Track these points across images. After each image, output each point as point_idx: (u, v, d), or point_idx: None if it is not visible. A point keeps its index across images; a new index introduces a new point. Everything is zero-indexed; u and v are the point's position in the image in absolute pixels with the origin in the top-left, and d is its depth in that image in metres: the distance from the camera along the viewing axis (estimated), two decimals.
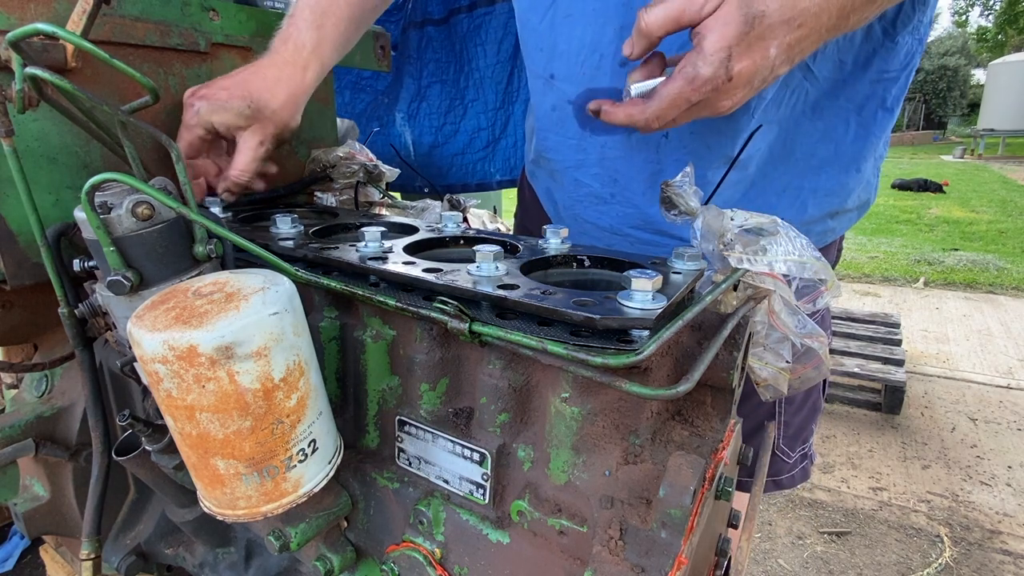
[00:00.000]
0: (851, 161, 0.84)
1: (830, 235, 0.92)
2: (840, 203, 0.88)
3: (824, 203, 0.86)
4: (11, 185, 0.64)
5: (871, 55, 0.78)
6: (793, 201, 0.85)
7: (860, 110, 0.81)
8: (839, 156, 0.83)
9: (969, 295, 4.81)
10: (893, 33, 0.77)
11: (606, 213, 0.91)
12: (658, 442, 0.55)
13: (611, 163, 0.86)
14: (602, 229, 0.93)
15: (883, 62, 0.79)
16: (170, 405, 0.47)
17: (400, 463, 0.65)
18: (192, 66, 0.83)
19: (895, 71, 0.80)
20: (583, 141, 0.87)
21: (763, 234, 0.62)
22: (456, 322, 0.52)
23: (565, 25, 0.80)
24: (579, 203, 0.94)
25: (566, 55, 0.81)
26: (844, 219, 0.91)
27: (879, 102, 0.82)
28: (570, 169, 0.91)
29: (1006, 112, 15.17)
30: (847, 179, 0.86)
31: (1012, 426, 2.88)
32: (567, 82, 0.83)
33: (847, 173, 0.85)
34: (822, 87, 0.79)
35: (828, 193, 0.86)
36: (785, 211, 0.85)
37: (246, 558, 0.81)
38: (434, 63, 1.61)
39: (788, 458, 1.04)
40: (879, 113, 0.83)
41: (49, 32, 0.53)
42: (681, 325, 0.49)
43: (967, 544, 2.11)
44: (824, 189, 0.85)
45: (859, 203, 0.91)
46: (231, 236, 0.59)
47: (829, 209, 0.88)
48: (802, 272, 0.61)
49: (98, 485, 0.72)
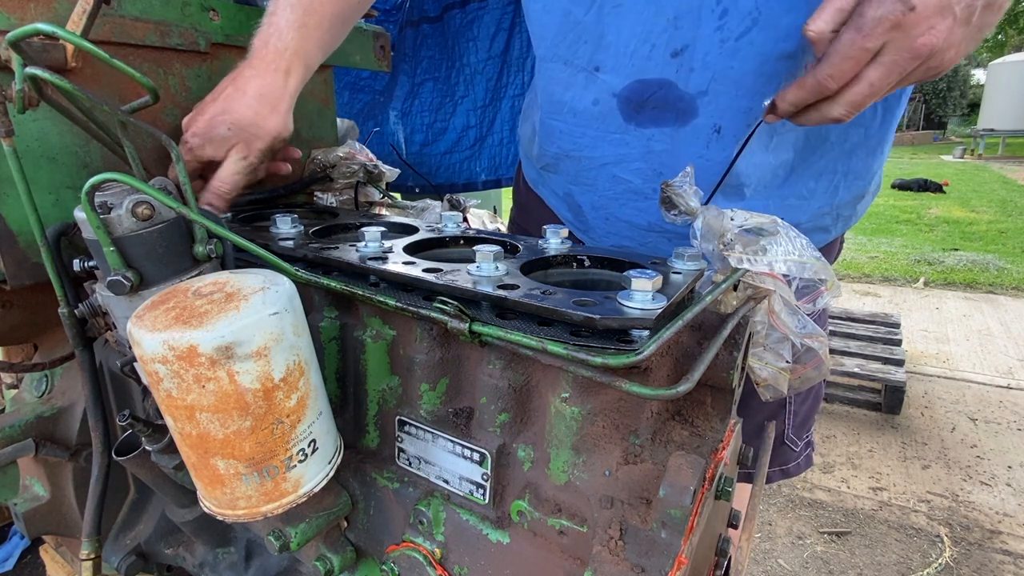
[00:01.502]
0: (877, 144, 0.85)
1: (853, 220, 0.92)
2: (865, 186, 0.89)
3: (854, 186, 0.87)
4: (11, 185, 0.64)
5: None
6: (828, 185, 0.85)
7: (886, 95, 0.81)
8: (868, 139, 0.83)
9: (969, 295, 4.80)
10: None
11: (645, 210, 0.89)
12: (658, 442, 0.55)
13: (656, 157, 0.84)
14: (638, 227, 0.91)
15: None
16: (170, 405, 0.47)
17: (400, 463, 0.65)
18: (192, 66, 0.83)
19: None
20: (626, 135, 0.85)
21: (763, 234, 0.62)
22: (456, 322, 0.52)
23: (614, 16, 0.78)
24: (615, 201, 0.92)
25: (614, 46, 0.79)
26: (863, 204, 0.92)
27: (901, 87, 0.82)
28: (608, 165, 0.89)
29: (1006, 112, 15.16)
30: (872, 162, 0.86)
31: (1012, 426, 2.88)
32: (614, 74, 0.81)
33: (873, 156, 0.85)
34: None
35: (857, 176, 0.86)
36: (821, 195, 0.85)
37: (246, 558, 0.81)
38: (427, 60, 1.61)
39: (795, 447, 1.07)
40: (901, 95, 0.83)
41: (49, 32, 0.53)
42: (681, 325, 0.49)
43: (967, 544, 2.11)
44: (854, 172, 0.85)
45: (875, 187, 0.93)
46: (231, 236, 0.59)
47: (857, 192, 0.88)
48: (802, 272, 0.61)
49: (98, 485, 0.72)
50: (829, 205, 0.86)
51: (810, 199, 0.85)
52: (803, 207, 0.86)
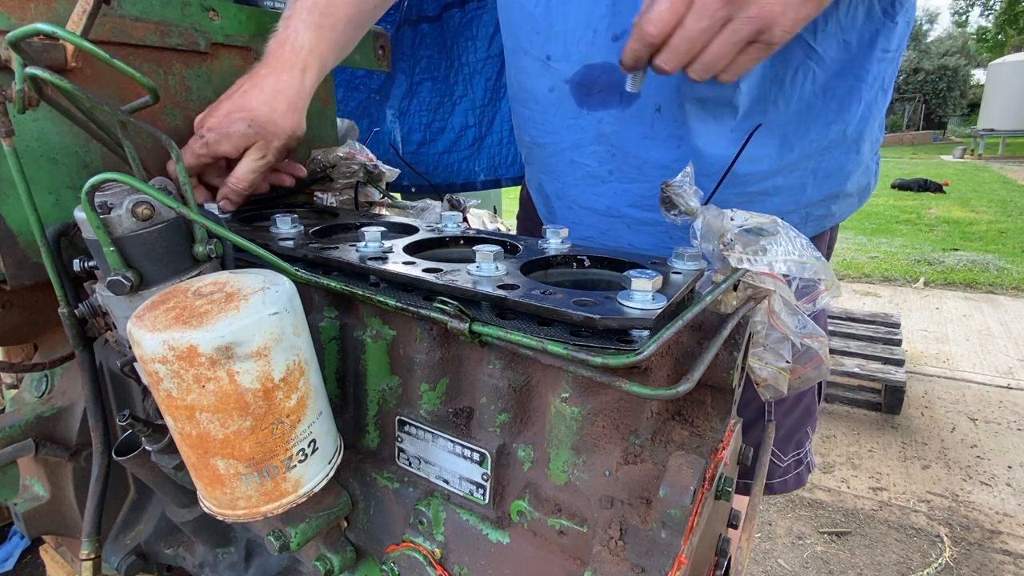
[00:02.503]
0: (853, 143, 0.84)
1: (829, 220, 0.91)
2: (839, 186, 0.87)
3: (824, 185, 0.86)
4: (11, 185, 0.64)
5: (875, 34, 0.78)
6: (796, 182, 0.85)
7: (867, 91, 0.81)
8: (844, 138, 0.83)
9: (969, 295, 4.80)
10: (893, 13, 0.78)
11: (603, 194, 0.90)
12: (658, 442, 0.55)
13: (608, 139, 0.85)
14: (598, 213, 0.92)
15: (885, 40, 0.79)
16: (170, 405, 0.47)
17: (400, 463, 0.65)
18: (192, 66, 0.83)
19: (893, 51, 0.81)
20: (580, 119, 0.86)
21: (763, 234, 0.62)
22: (456, 322, 0.52)
23: (560, 6, 0.81)
24: (575, 187, 0.93)
25: (562, 35, 0.82)
26: (845, 204, 0.91)
27: (880, 83, 0.82)
28: (567, 151, 0.91)
29: (1006, 112, 15.17)
30: (847, 161, 0.85)
31: (1012, 426, 2.88)
32: (563, 61, 0.84)
33: (847, 155, 0.85)
34: (830, 68, 0.78)
35: (828, 175, 0.85)
36: (786, 192, 0.85)
37: (246, 558, 0.81)
38: (426, 59, 1.61)
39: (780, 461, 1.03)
40: (879, 94, 0.84)
41: (49, 32, 0.53)
42: (681, 325, 0.49)
43: (967, 544, 2.11)
44: (824, 170, 0.85)
45: (859, 187, 0.90)
46: (231, 236, 0.59)
47: (829, 191, 0.87)
48: (802, 272, 0.61)
49: (98, 485, 0.72)
50: (795, 203, 0.86)
51: (776, 196, 0.84)
52: (767, 203, 0.85)
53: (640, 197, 0.88)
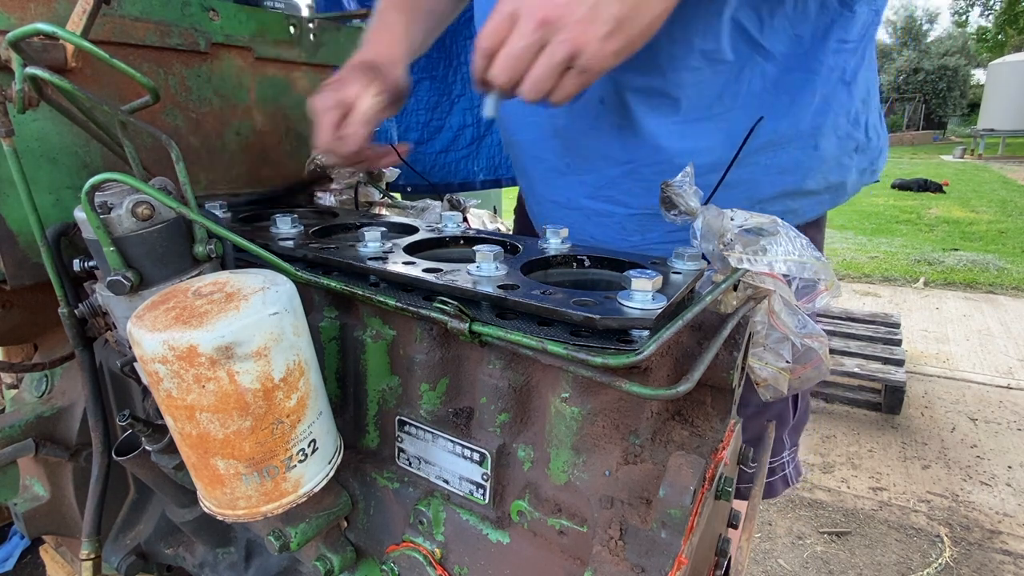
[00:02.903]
0: (808, 138, 0.81)
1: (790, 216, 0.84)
2: (796, 183, 0.84)
3: (778, 181, 0.84)
4: (11, 185, 0.64)
5: (829, 25, 0.77)
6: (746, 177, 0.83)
7: (821, 84, 0.79)
8: (799, 133, 0.81)
9: (969, 295, 4.80)
10: (850, 2, 0.76)
11: (562, 187, 0.92)
12: (658, 442, 0.55)
13: (561, 132, 0.88)
14: (560, 206, 0.94)
15: (842, 31, 0.77)
16: (170, 405, 0.47)
17: (400, 463, 0.65)
18: (192, 66, 0.83)
19: (853, 41, 0.79)
20: (538, 116, 0.88)
21: (763, 234, 0.62)
22: (456, 322, 0.52)
23: None
24: (540, 181, 0.96)
25: None
26: (808, 201, 0.87)
27: (840, 75, 0.80)
28: (531, 146, 0.93)
29: (1006, 112, 15.17)
30: (803, 157, 0.82)
31: (1012, 426, 2.88)
32: None
33: (803, 151, 0.82)
34: (781, 63, 0.77)
35: (782, 171, 0.83)
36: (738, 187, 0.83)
37: (246, 558, 0.81)
38: (425, 58, 1.60)
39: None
40: (839, 87, 0.81)
41: (49, 32, 0.53)
42: (681, 325, 0.49)
43: (967, 544, 2.11)
44: (778, 166, 0.82)
45: (826, 185, 0.87)
46: (231, 236, 0.59)
47: (784, 188, 0.84)
48: (802, 272, 0.61)
49: (98, 485, 0.72)
50: (748, 198, 0.84)
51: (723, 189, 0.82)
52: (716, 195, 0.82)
53: (594, 188, 0.89)
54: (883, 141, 0.92)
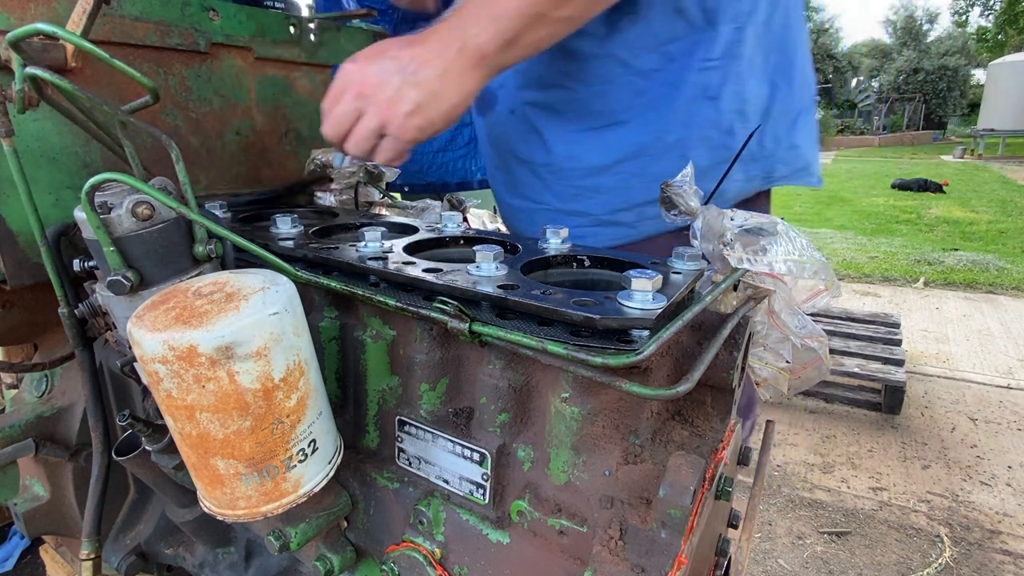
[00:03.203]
0: (675, 148, 0.88)
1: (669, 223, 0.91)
2: None
3: (652, 187, 0.87)
4: (11, 185, 0.64)
5: (694, 44, 0.84)
6: (620, 183, 0.91)
7: (684, 99, 0.86)
8: (666, 145, 0.88)
9: (969, 295, 4.80)
10: (714, 21, 0.83)
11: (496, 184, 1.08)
12: (658, 442, 0.55)
13: (491, 139, 1.04)
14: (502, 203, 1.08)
15: (705, 51, 0.84)
16: (170, 405, 0.47)
17: (400, 463, 0.65)
18: (192, 66, 0.83)
19: (717, 59, 0.85)
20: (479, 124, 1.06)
21: (763, 234, 0.62)
22: (456, 322, 0.52)
23: None
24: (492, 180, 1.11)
25: None
26: None
27: (702, 91, 0.86)
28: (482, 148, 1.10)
29: (1006, 112, 15.17)
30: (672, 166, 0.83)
31: (1012, 426, 2.88)
32: None
33: (673, 161, 0.87)
34: (653, 78, 0.85)
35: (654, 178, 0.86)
36: (614, 191, 0.92)
37: (246, 558, 0.81)
38: None
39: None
40: (702, 103, 0.86)
41: (49, 32, 0.53)
42: (681, 325, 0.49)
43: (967, 544, 2.11)
44: (650, 174, 0.89)
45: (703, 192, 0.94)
46: (231, 236, 0.59)
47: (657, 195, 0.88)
48: (802, 272, 0.61)
49: (98, 485, 0.72)
50: (625, 201, 0.93)
51: (602, 193, 0.94)
52: (597, 199, 0.94)
53: (510, 186, 1.03)
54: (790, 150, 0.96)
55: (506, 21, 0.68)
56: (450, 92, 0.71)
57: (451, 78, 0.70)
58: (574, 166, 0.93)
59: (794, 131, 0.96)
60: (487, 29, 0.68)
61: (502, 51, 0.70)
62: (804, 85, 0.97)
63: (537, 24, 0.69)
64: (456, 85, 0.71)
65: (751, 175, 0.95)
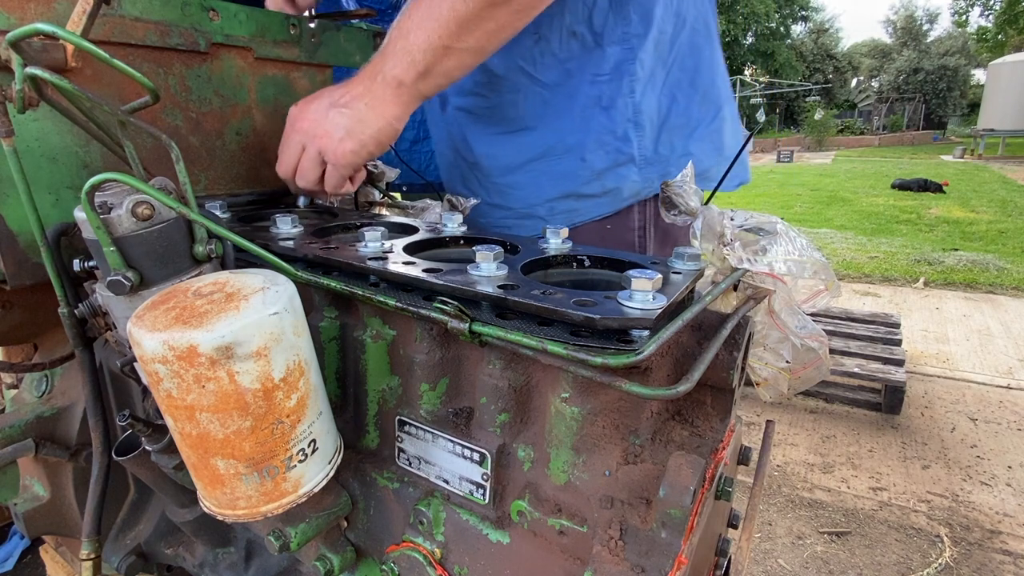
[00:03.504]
0: (575, 150, 1.01)
1: (578, 215, 1.06)
2: (573, 188, 1.04)
3: (558, 185, 1.04)
4: (11, 185, 0.64)
5: (586, 61, 0.97)
6: (532, 180, 1.05)
7: (579, 108, 1.00)
8: (567, 147, 1.01)
9: (969, 295, 4.80)
10: (601, 43, 0.96)
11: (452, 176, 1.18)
12: (658, 442, 0.55)
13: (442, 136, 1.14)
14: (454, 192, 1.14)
15: (595, 67, 0.97)
16: (170, 405, 0.47)
17: (400, 463, 0.65)
18: (192, 66, 0.83)
19: (606, 75, 0.97)
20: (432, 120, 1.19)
21: (763, 234, 0.62)
22: (456, 322, 0.52)
23: None
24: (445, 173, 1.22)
25: None
26: (588, 203, 1.06)
27: (595, 101, 0.98)
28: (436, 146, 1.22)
29: (1006, 112, 15.18)
30: (575, 167, 1.02)
31: (1012, 426, 2.88)
32: None
33: (573, 161, 1.02)
34: (555, 90, 0.99)
35: (559, 178, 1.04)
36: (527, 187, 1.06)
37: (246, 558, 0.81)
38: None
39: None
40: (596, 111, 0.99)
41: (49, 32, 0.52)
42: (681, 325, 0.49)
43: (967, 544, 2.11)
44: (555, 173, 1.03)
45: (602, 190, 1.04)
46: (231, 236, 0.59)
47: (564, 192, 1.04)
48: (802, 272, 0.61)
49: (98, 485, 0.72)
50: (537, 197, 1.06)
51: (518, 189, 1.07)
52: (513, 195, 1.07)
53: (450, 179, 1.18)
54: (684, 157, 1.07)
55: (418, 54, 0.76)
56: (375, 117, 0.79)
57: (374, 105, 0.79)
58: (493, 164, 1.07)
59: (690, 141, 1.08)
60: (402, 62, 0.77)
61: (418, 80, 0.78)
62: (707, 100, 1.08)
63: (444, 56, 0.77)
64: (380, 110, 0.79)
65: (647, 177, 1.05)
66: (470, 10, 0.73)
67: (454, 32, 0.75)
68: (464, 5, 0.73)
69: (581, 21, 0.96)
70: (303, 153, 0.82)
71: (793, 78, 28.43)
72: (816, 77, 32.01)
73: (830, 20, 34.77)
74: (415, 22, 0.76)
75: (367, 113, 0.79)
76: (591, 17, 0.96)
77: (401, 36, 0.77)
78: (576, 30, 0.96)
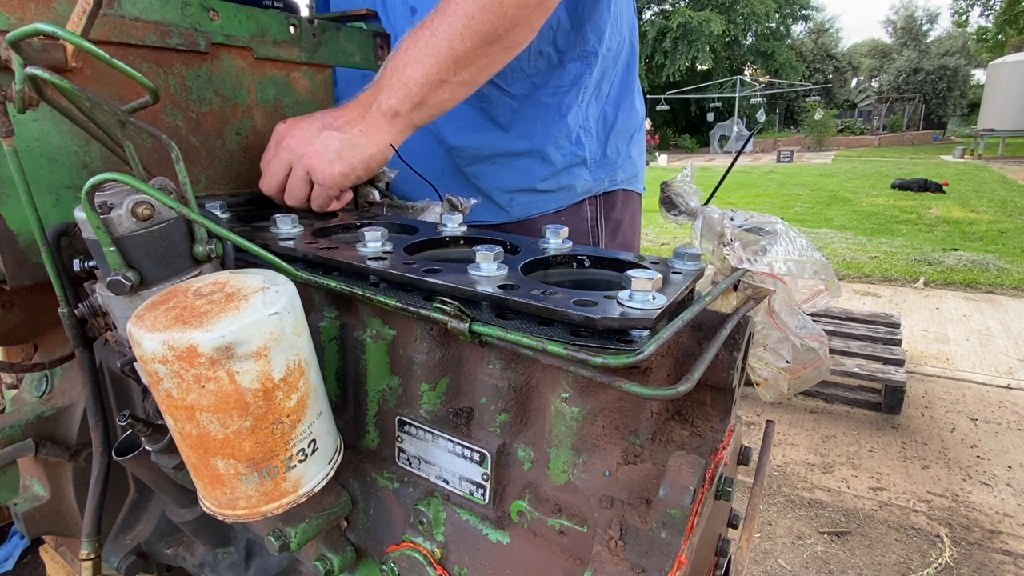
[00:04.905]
0: (539, 151, 1.14)
1: (534, 207, 1.19)
2: (530, 183, 1.16)
3: (519, 179, 1.16)
4: (11, 185, 0.64)
5: (549, 75, 1.11)
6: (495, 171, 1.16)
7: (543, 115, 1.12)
8: (532, 148, 1.14)
9: (969, 295, 4.81)
10: (563, 60, 1.11)
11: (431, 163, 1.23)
12: (658, 442, 0.55)
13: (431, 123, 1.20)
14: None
15: (557, 80, 1.12)
16: (170, 405, 0.47)
17: (400, 463, 0.65)
18: (192, 66, 0.83)
19: (565, 87, 1.12)
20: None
21: (763, 234, 0.62)
22: (456, 322, 0.52)
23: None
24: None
25: None
26: (545, 197, 1.18)
27: (556, 109, 1.12)
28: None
29: (1006, 112, 15.19)
30: (536, 164, 1.15)
31: (1012, 426, 2.88)
32: None
33: (535, 160, 1.15)
34: (520, 99, 1.12)
35: (521, 173, 1.16)
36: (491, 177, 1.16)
37: (246, 558, 0.81)
38: None
39: None
40: (557, 118, 1.12)
41: (49, 32, 0.52)
42: (681, 325, 0.49)
43: (967, 544, 2.11)
44: (517, 168, 1.15)
45: (557, 186, 1.18)
46: (231, 236, 0.59)
47: (524, 184, 1.17)
48: (802, 272, 0.61)
49: (98, 485, 0.72)
50: (500, 186, 1.17)
51: (482, 178, 1.17)
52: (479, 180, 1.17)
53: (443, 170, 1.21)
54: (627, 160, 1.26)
55: (414, 87, 0.80)
56: (368, 142, 0.82)
57: (368, 131, 0.82)
58: (461, 155, 1.16)
59: (630, 145, 1.27)
60: (398, 93, 0.81)
61: (413, 111, 0.82)
62: (636, 112, 1.27)
63: (439, 88, 0.82)
64: (373, 136, 0.82)
65: (598, 177, 1.21)
66: (467, 48, 0.79)
67: (451, 68, 0.80)
68: (462, 44, 0.79)
69: (547, 42, 1.09)
70: (291, 172, 0.84)
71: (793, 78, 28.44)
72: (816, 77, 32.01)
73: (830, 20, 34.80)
74: (412, 57, 0.80)
75: (360, 139, 0.82)
76: (555, 38, 1.09)
77: (397, 70, 0.81)
78: (543, 50, 1.09)
